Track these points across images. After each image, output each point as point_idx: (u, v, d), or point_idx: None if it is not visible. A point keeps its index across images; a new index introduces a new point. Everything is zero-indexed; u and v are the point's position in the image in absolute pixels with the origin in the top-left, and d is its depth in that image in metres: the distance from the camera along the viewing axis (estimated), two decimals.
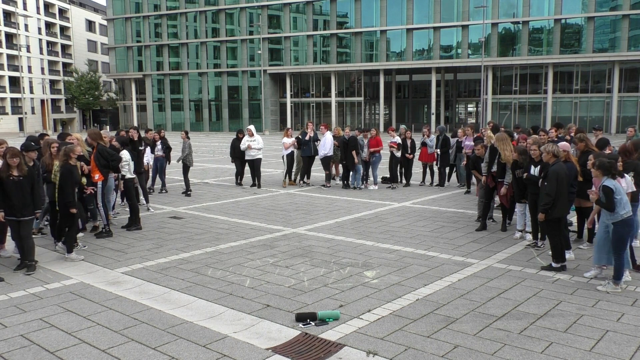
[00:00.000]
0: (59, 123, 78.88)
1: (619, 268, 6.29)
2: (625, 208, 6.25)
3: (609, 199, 6.17)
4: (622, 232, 6.26)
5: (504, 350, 4.77)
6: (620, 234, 6.25)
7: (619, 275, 6.31)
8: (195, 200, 13.23)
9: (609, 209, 6.22)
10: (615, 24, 47.47)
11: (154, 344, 4.97)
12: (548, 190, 7.04)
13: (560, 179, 7.06)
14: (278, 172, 18.54)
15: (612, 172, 6.33)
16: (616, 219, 6.25)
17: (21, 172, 7.18)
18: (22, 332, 5.27)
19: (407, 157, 15.09)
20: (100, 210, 9.39)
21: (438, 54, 53.12)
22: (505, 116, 51.26)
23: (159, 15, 64.47)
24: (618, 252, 6.28)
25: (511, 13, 50.26)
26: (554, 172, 7.08)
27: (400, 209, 11.87)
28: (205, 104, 64.34)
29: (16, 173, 7.14)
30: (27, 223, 7.33)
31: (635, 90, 47.54)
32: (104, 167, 9.29)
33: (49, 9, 79.14)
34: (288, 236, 9.28)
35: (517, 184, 8.65)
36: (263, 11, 59.27)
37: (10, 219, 7.29)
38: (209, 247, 8.53)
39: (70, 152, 7.75)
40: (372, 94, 59.45)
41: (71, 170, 7.71)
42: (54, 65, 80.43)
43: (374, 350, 4.77)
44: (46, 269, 7.39)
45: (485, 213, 9.78)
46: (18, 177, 7.14)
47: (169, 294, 6.36)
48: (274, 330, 5.26)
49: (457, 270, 7.15)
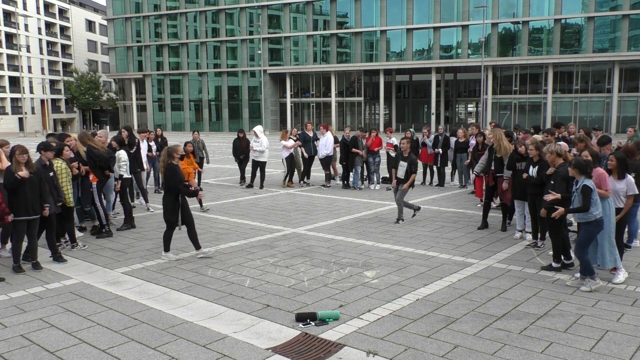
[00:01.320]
0: (59, 123, 78.88)
1: (587, 265, 6.33)
2: (599, 209, 6.27)
3: (587, 198, 6.17)
4: (594, 232, 6.31)
5: (504, 350, 4.77)
6: (591, 233, 6.31)
7: (585, 270, 6.35)
8: (195, 200, 13.21)
9: (584, 210, 6.22)
10: (615, 24, 47.49)
11: (154, 344, 4.97)
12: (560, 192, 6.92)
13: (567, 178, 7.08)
14: (278, 172, 18.53)
15: (587, 171, 6.33)
16: (589, 219, 6.26)
17: (30, 169, 7.15)
18: (22, 332, 5.27)
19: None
20: (100, 211, 9.39)
21: (438, 54, 53.14)
22: (505, 116, 51.28)
23: (159, 15, 64.50)
24: (581, 250, 6.34)
25: (511, 13, 50.28)
26: (561, 172, 7.06)
27: None
28: (205, 104, 64.36)
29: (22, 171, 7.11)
30: (35, 221, 7.30)
31: (635, 90, 47.55)
32: (94, 168, 9.29)
33: (49, 9, 79.15)
34: (288, 236, 9.28)
35: (517, 179, 8.61)
36: (263, 11, 59.29)
37: (21, 219, 7.13)
38: (209, 247, 8.52)
39: (173, 152, 7.83)
40: (372, 94, 59.46)
41: (174, 170, 7.76)
42: (54, 65, 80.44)
43: (374, 350, 4.77)
44: (46, 269, 7.38)
45: (486, 212, 9.80)
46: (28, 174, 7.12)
47: (169, 294, 6.36)
48: (274, 330, 5.26)
49: (457, 270, 7.15)
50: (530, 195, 8.14)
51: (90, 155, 9.20)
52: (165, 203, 7.87)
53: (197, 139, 14.67)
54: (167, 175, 7.75)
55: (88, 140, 9.39)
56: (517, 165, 8.66)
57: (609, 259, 6.53)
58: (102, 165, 9.32)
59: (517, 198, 8.84)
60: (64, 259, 7.75)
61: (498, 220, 9.98)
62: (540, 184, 7.94)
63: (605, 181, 6.67)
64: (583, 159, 6.58)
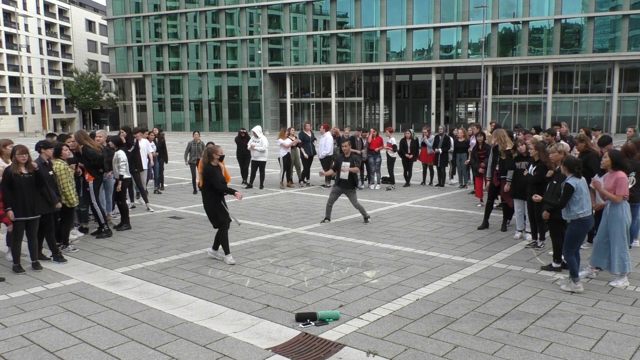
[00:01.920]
0: (59, 123, 78.87)
1: (571, 265, 6.34)
2: (584, 208, 6.28)
3: (566, 196, 6.25)
4: (578, 230, 6.34)
5: (504, 350, 4.78)
6: (575, 232, 6.35)
7: (573, 272, 6.35)
8: (196, 200, 13.22)
9: (560, 206, 6.31)
10: (615, 24, 47.49)
11: (154, 344, 4.97)
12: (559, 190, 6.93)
13: None
14: (278, 172, 18.50)
15: (575, 170, 6.36)
16: (572, 217, 6.32)
17: (30, 169, 7.15)
18: (22, 332, 5.27)
19: (406, 157, 15.12)
20: (98, 211, 9.39)
21: (438, 54, 53.13)
22: (505, 116, 51.28)
23: (159, 15, 64.48)
24: (567, 249, 6.37)
25: (511, 13, 50.27)
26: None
27: (400, 209, 11.87)
28: (205, 104, 64.35)
29: (25, 170, 7.12)
30: (34, 222, 7.29)
31: (635, 90, 47.55)
32: (90, 167, 9.29)
33: (48, 9, 79.13)
34: (288, 236, 9.28)
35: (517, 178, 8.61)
36: (263, 11, 59.28)
37: (19, 220, 7.15)
38: (209, 247, 8.52)
39: (213, 153, 7.69)
40: (372, 94, 59.46)
41: (213, 172, 7.56)
42: (54, 65, 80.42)
43: (374, 350, 4.77)
44: (46, 269, 7.39)
45: (488, 212, 9.80)
46: (28, 174, 7.12)
47: (169, 294, 6.36)
48: (274, 330, 5.26)
49: (457, 270, 7.15)
50: (529, 195, 8.14)
51: (85, 154, 9.22)
52: (207, 205, 7.67)
53: (198, 140, 14.63)
54: (206, 177, 7.55)
55: (84, 139, 9.40)
56: (517, 164, 8.66)
57: (618, 264, 6.41)
58: (95, 164, 9.32)
59: (517, 197, 8.83)
60: (64, 258, 7.75)
61: (498, 220, 9.98)
62: (538, 184, 7.95)
63: (622, 187, 6.42)
64: (575, 158, 6.65)
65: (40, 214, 7.31)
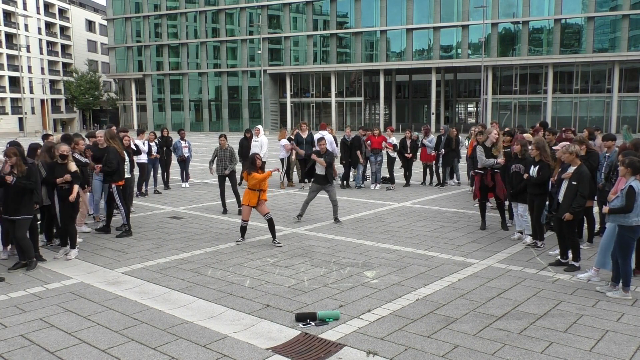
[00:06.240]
0: (59, 123, 78.86)
1: (626, 274, 6.04)
2: (639, 215, 5.91)
3: (631, 200, 5.83)
4: (628, 237, 6.00)
5: (504, 350, 4.77)
6: (627, 239, 6.00)
7: (627, 281, 6.06)
8: (196, 200, 13.23)
9: (627, 211, 5.86)
10: (615, 24, 47.49)
11: (154, 344, 4.97)
12: (582, 191, 6.83)
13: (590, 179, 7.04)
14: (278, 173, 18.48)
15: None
16: (626, 223, 5.94)
17: (19, 171, 7.16)
18: (22, 332, 5.27)
19: (406, 156, 15.11)
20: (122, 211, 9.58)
21: (438, 54, 53.13)
22: (505, 116, 51.28)
23: (159, 15, 64.48)
24: (624, 258, 6.03)
25: (511, 13, 50.26)
26: (586, 173, 6.96)
27: (400, 209, 11.87)
28: (205, 104, 64.35)
29: (14, 172, 7.14)
30: (22, 223, 7.27)
31: (635, 90, 47.55)
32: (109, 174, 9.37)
33: (49, 9, 79.11)
34: (288, 236, 9.28)
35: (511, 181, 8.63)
36: (263, 11, 59.27)
37: (5, 218, 7.32)
38: (209, 247, 8.53)
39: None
40: (372, 94, 59.44)
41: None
42: (54, 65, 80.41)
43: (374, 350, 4.77)
44: (46, 269, 7.38)
45: (483, 211, 9.81)
46: (16, 175, 7.14)
47: (169, 294, 6.36)
48: (274, 330, 5.26)
49: (457, 270, 7.15)
50: (530, 195, 8.14)
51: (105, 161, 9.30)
52: None
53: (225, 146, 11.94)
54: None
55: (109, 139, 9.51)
56: (512, 167, 8.62)
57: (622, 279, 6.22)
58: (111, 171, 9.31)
59: (516, 201, 8.79)
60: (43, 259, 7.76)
61: (498, 220, 9.99)
62: (540, 184, 7.95)
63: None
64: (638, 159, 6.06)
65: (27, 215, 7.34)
